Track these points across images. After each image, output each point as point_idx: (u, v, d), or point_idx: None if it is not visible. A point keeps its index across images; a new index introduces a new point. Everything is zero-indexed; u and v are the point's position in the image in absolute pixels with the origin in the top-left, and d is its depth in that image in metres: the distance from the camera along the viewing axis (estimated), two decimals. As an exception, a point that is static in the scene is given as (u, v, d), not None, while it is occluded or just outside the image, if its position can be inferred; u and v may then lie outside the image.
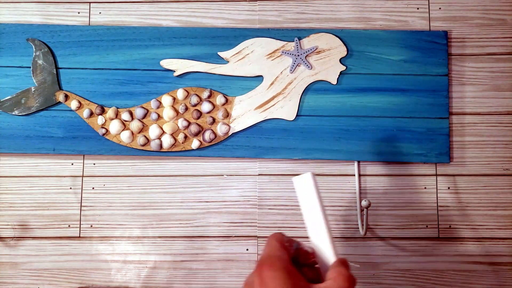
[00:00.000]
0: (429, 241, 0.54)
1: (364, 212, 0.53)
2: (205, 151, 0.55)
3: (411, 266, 0.54)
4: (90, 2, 0.58)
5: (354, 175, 0.55)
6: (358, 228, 0.54)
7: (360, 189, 0.55)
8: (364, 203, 0.51)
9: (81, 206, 0.56)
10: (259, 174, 0.56)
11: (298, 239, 0.55)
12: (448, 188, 0.55)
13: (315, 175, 0.35)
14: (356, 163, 0.55)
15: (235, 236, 0.55)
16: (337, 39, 0.55)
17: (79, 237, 0.55)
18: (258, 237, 0.55)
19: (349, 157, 0.54)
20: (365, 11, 0.57)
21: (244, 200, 0.55)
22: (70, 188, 0.56)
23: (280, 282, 0.33)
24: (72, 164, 0.56)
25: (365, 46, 0.55)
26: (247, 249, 0.55)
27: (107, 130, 0.55)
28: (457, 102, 0.56)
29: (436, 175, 0.55)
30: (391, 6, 0.57)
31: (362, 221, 0.54)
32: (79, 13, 0.58)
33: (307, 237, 0.54)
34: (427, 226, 0.55)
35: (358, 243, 0.54)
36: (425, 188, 0.55)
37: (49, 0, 0.58)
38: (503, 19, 0.57)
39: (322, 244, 0.36)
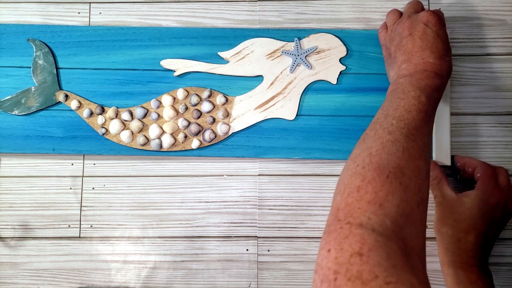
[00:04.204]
0: (428, 241, 0.54)
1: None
2: (205, 150, 0.55)
3: (411, 266, 0.54)
4: (90, 2, 0.58)
5: (354, 175, 0.55)
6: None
7: (360, 189, 0.55)
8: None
9: (81, 206, 0.56)
10: (259, 174, 0.56)
11: (298, 239, 0.55)
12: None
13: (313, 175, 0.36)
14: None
15: (235, 236, 0.55)
16: (337, 39, 0.55)
17: (79, 237, 0.55)
18: (258, 237, 0.55)
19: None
20: (365, 11, 0.57)
21: (244, 200, 0.55)
22: (70, 188, 0.56)
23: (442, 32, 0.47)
24: (72, 164, 0.56)
25: (365, 46, 0.56)
26: (247, 249, 0.55)
27: (107, 130, 0.55)
28: (457, 102, 0.56)
29: (436, 175, 0.55)
30: (391, 7, 0.57)
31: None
32: (79, 13, 0.58)
33: (306, 237, 0.54)
34: (426, 226, 0.54)
35: (358, 243, 0.54)
36: (425, 188, 0.55)
37: (49, 0, 0.58)
38: (503, 20, 0.57)
39: None
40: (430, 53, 0.45)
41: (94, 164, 0.56)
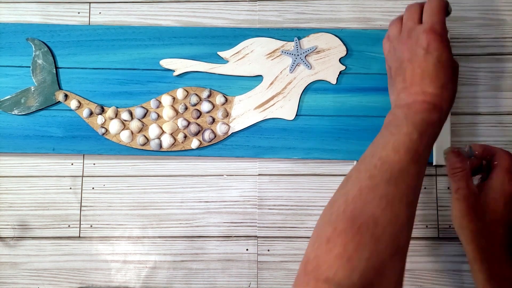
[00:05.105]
0: (429, 241, 0.54)
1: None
2: (205, 150, 0.55)
3: (411, 266, 0.54)
4: (90, 2, 0.58)
5: (354, 175, 0.55)
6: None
7: (360, 189, 0.55)
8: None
9: (81, 206, 0.56)
10: (259, 174, 0.56)
11: (298, 239, 0.55)
12: (448, 188, 0.55)
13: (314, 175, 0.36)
14: (356, 163, 0.55)
15: (235, 236, 0.55)
16: (337, 39, 0.55)
17: (79, 237, 0.55)
18: (258, 237, 0.55)
19: (349, 157, 0.54)
20: (365, 11, 0.57)
21: (244, 200, 0.56)
22: (70, 188, 0.56)
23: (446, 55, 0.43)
24: (72, 164, 0.56)
25: (365, 46, 0.55)
26: (247, 249, 0.55)
27: (106, 130, 0.55)
28: (456, 102, 0.56)
29: (436, 175, 0.55)
30: (391, 6, 0.57)
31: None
32: (79, 13, 0.58)
33: (306, 237, 0.54)
34: (427, 226, 0.55)
35: (358, 243, 0.54)
36: (424, 188, 0.55)
37: (49, 0, 0.58)
38: (503, 19, 0.57)
39: None
40: (429, 82, 0.42)
41: (94, 164, 0.56)
